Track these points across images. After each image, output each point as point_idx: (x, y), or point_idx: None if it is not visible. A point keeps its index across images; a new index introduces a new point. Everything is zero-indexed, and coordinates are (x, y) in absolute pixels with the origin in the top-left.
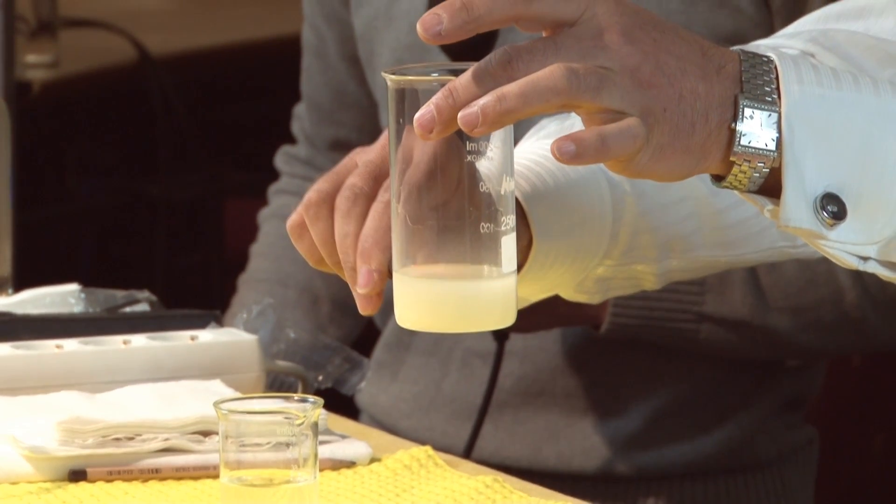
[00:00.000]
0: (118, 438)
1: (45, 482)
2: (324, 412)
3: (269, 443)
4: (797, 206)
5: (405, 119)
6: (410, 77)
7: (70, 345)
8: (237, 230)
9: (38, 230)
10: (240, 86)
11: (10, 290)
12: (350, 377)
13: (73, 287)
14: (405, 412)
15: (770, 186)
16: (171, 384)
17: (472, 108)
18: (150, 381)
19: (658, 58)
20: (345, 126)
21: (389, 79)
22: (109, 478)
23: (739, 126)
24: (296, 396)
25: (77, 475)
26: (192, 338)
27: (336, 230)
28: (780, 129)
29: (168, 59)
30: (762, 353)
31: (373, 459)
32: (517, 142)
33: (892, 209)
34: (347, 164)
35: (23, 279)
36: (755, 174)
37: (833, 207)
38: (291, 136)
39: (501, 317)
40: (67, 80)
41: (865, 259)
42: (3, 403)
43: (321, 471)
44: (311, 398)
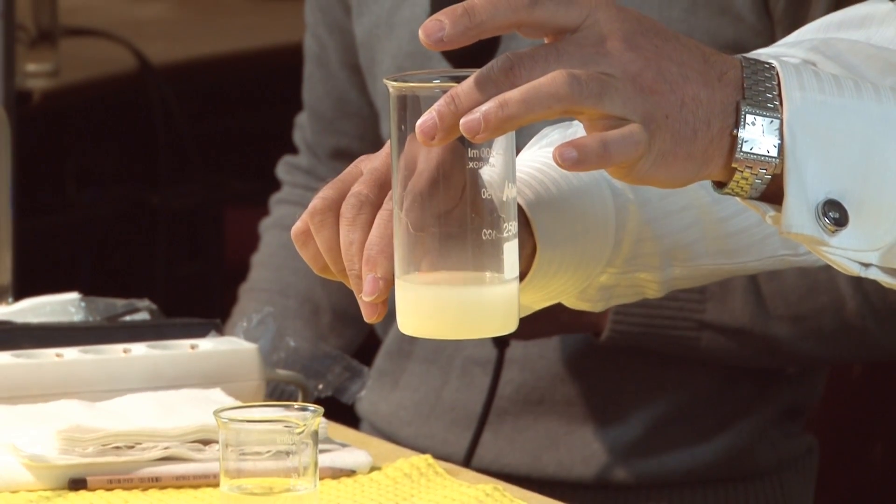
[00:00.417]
0: (118, 447)
1: (46, 491)
2: (324, 421)
3: (270, 451)
4: (799, 213)
5: (407, 126)
6: (412, 84)
7: (70, 353)
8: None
9: (39, 239)
10: (240, 95)
11: (10, 299)
12: (350, 386)
13: (74, 296)
14: (405, 420)
15: (772, 193)
16: (172, 393)
17: (474, 115)
18: (151, 390)
19: (660, 64)
20: (346, 135)
21: (391, 86)
22: (109, 486)
23: (741, 132)
24: (296, 405)
25: (77, 484)
26: (193, 346)
27: (341, 238)
28: (782, 136)
29: (168, 69)
30: (762, 361)
31: (373, 468)
32: (519, 150)
33: (894, 216)
34: (353, 172)
35: (23, 288)
36: (757, 181)
37: (835, 214)
38: (292, 145)
39: (503, 323)
40: (67, 89)
41: (867, 266)
42: (3, 412)
43: (321, 479)
44: (312, 407)
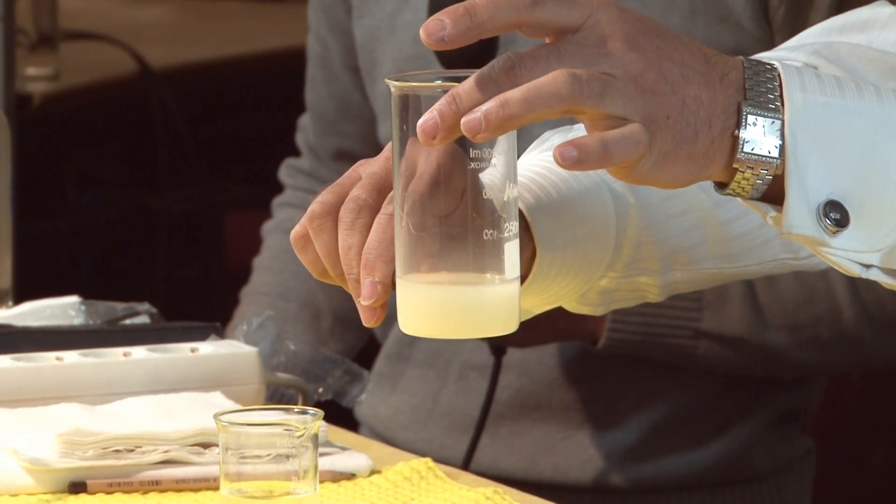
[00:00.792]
0: (118, 450)
1: (46, 494)
2: (324, 424)
3: (270, 455)
4: (800, 214)
5: (408, 126)
6: (414, 84)
7: (70, 357)
8: (238, 242)
9: (39, 242)
10: (240, 98)
11: (11, 303)
12: (350, 389)
13: (74, 299)
14: (403, 424)
15: (773, 194)
16: (172, 396)
17: (475, 114)
18: (151, 393)
19: (661, 65)
20: (349, 136)
21: (393, 86)
22: (109, 490)
23: (742, 133)
24: (296, 408)
25: (77, 487)
26: (193, 350)
27: (340, 242)
28: (784, 137)
29: (168, 72)
30: (759, 370)
31: (373, 471)
32: (520, 153)
33: (895, 217)
34: (351, 177)
35: (23, 291)
36: (758, 181)
37: (836, 215)
38: (292, 149)
39: (504, 323)
40: (68, 93)
41: (868, 267)
42: (4, 415)
43: (321, 483)
44: (312, 410)
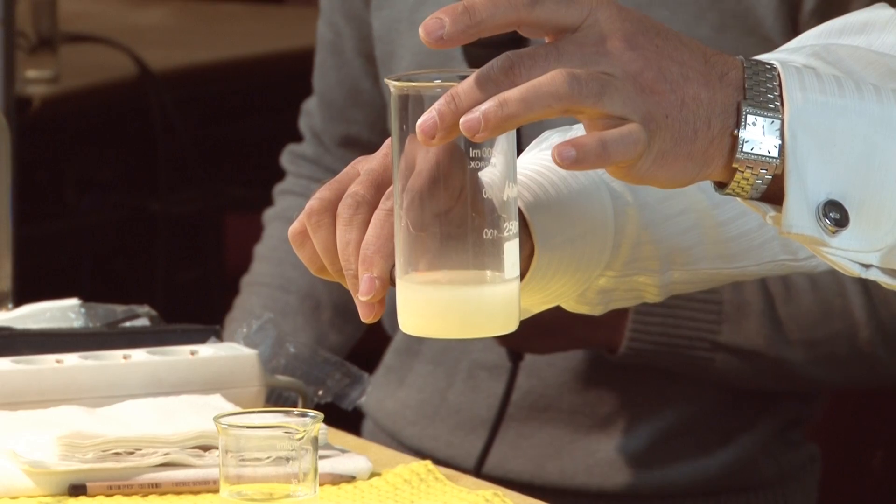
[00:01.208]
0: (118, 453)
1: (46, 496)
2: (324, 427)
3: (269, 457)
4: (799, 213)
5: (408, 125)
6: (413, 83)
7: (70, 359)
8: (237, 245)
9: (39, 245)
10: (240, 101)
11: (10, 305)
12: (350, 392)
13: (74, 302)
14: (410, 419)
15: (772, 193)
16: (171, 399)
17: (474, 114)
18: (150, 396)
19: (660, 64)
20: (356, 123)
21: (393, 85)
22: (109, 492)
23: (742, 133)
24: (296, 411)
25: (77, 490)
26: (192, 353)
27: (338, 238)
28: (783, 136)
29: (168, 75)
30: (772, 384)
31: (373, 474)
32: (519, 153)
33: (895, 217)
34: (349, 173)
35: (23, 294)
36: (758, 181)
37: (835, 214)
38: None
39: (504, 322)
40: (67, 96)
41: (867, 266)
42: (3, 418)
43: (321, 485)
44: (311, 413)
